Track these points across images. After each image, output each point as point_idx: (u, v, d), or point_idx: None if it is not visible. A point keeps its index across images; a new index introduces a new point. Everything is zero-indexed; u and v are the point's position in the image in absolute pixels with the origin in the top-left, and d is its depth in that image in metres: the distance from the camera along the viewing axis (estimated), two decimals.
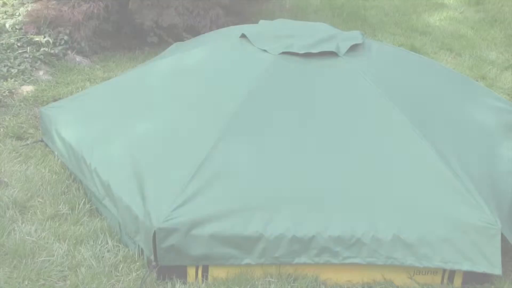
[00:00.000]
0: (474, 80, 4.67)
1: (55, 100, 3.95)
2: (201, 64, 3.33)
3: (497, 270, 2.49)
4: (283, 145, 2.76)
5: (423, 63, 3.76)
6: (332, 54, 3.18)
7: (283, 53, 3.16)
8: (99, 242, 2.76)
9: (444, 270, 2.60)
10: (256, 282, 2.54)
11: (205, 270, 2.56)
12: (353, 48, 3.27)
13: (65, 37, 4.81)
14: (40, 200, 3.03)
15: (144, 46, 5.36)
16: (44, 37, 4.68)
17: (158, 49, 5.23)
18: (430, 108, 3.13)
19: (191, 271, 2.55)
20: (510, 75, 5.20)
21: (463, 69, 5.25)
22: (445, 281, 2.62)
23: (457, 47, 5.82)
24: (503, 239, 2.51)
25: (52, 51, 4.70)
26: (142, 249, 2.62)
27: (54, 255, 2.66)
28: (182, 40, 4.63)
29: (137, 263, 2.64)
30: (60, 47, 4.77)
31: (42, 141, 3.49)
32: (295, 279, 2.57)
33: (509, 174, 2.97)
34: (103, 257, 2.69)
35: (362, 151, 2.76)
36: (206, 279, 2.57)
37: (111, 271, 2.60)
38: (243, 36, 3.35)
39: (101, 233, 2.81)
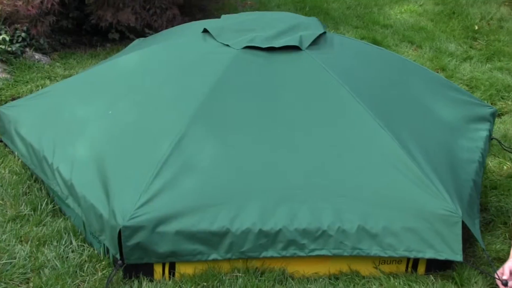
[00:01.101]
0: (434, 71, 4.75)
1: (14, 99, 3.89)
2: (163, 60, 3.32)
3: (459, 257, 2.54)
4: (248, 140, 2.77)
5: (384, 55, 3.80)
6: (295, 47, 3.20)
7: (246, 47, 3.17)
8: (63, 243, 2.73)
9: (408, 259, 2.65)
10: (224, 277, 2.55)
11: (172, 267, 2.55)
12: (316, 41, 3.29)
13: (23, 34, 4.72)
14: (0, 202, 2.98)
15: (106, 42, 5.31)
16: (0, 34, 4.59)
17: (120, 46, 5.20)
18: (392, 100, 3.17)
19: (158, 269, 2.55)
20: (469, 66, 5.31)
21: (424, 61, 5.34)
22: (409, 269, 2.67)
23: (417, 40, 5.91)
24: (463, 227, 2.57)
25: (10, 49, 4.61)
26: (107, 248, 2.60)
27: (16, 258, 2.62)
28: (144, 36, 4.59)
29: (103, 262, 2.63)
30: (17, 45, 4.67)
31: (1, 141, 3.44)
32: (262, 272, 2.59)
33: (469, 163, 3.05)
34: (67, 257, 2.66)
35: (326, 143, 2.78)
36: (173, 276, 2.56)
37: (76, 271, 2.58)
38: (205, 31, 3.35)
39: (65, 233, 2.78)
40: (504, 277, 2.49)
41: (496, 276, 2.51)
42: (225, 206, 2.54)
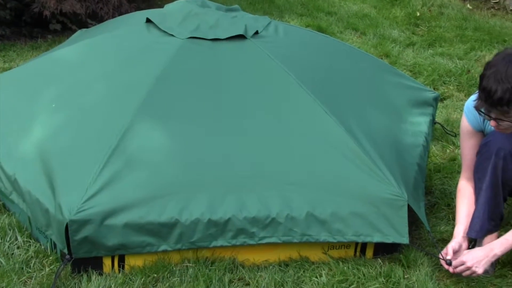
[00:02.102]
0: (378, 58, 4.83)
1: None
2: (107, 51, 3.27)
3: (405, 240, 2.61)
4: (195, 130, 2.76)
5: (329, 43, 3.84)
6: (240, 36, 3.20)
7: (191, 37, 3.15)
8: (8, 239, 2.68)
9: (357, 243, 2.70)
10: (174, 268, 2.55)
11: (122, 260, 2.53)
12: (261, 30, 3.30)
13: None
14: None
15: (47, 34, 5.19)
16: None
17: (62, 37, 5.10)
18: (337, 86, 3.21)
19: (107, 262, 2.52)
20: (412, 52, 5.41)
21: (368, 48, 5.42)
22: (357, 253, 2.72)
23: (361, 27, 5.99)
24: (409, 210, 2.63)
25: None
26: (54, 243, 2.56)
27: None
28: (87, 27, 4.52)
29: (50, 258, 2.58)
30: None
31: None
32: (212, 262, 2.59)
33: (413, 147, 3.11)
34: (12, 254, 2.61)
35: (273, 132, 2.80)
36: (123, 268, 2.54)
37: (22, 268, 2.53)
38: (149, 21, 3.31)
39: (10, 229, 2.73)
40: (448, 257, 2.57)
41: (441, 257, 2.59)
42: (174, 197, 2.53)
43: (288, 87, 2.98)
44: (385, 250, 2.73)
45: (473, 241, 2.75)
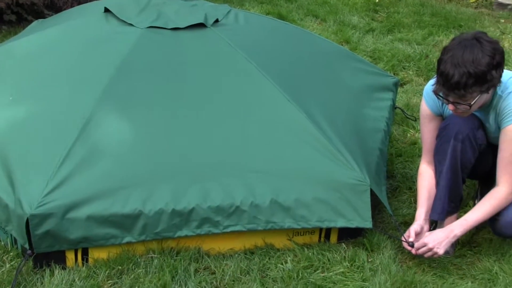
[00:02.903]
0: (339, 44, 4.84)
1: None
2: (65, 42, 3.20)
3: (368, 224, 2.63)
4: (157, 120, 2.73)
5: (290, 30, 3.84)
6: (201, 25, 3.17)
7: (151, 27, 3.11)
8: None
9: (321, 229, 2.72)
10: (139, 259, 2.53)
11: (85, 253, 2.50)
12: (221, 18, 3.28)
13: None
14: None
15: (1, 25, 5.07)
16: None
17: (17, 28, 4.98)
18: (298, 73, 3.21)
19: (70, 256, 2.49)
20: (371, 38, 5.45)
21: (329, 34, 5.43)
22: (322, 239, 2.74)
23: (321, 13, 6.00)
24: (372, 194, 2.66)
25: None
26: (15, 238, 2.51)
27: None
28: (44, 17, 4.43)
29: (11, 254, 2.54)
30: None
31: None
32: (178, 252, 2.58)
33: (375, 132, 3.14)
34: None
35: (235, 120, 2.79)
36: (87, 261, 2.51)
37: None
38: (107, 10, 3.26)
39: None
40: (410, 239, 2.60)
41: (403, 239, 2.62)
42: (137, 188, 2.50)
43: (249, 75, 2.97)
44: (349, 234, 2.75)
45: (434, 223, 2.79)
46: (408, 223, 2.87)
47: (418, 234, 2.64)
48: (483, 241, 2.83)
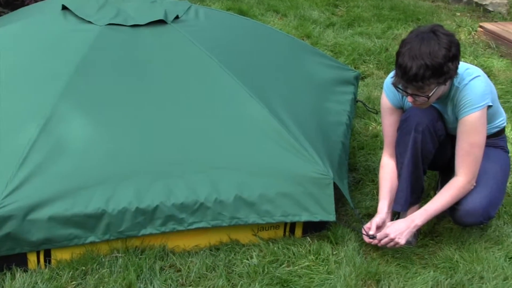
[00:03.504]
0: (300, 39, 4.86)
1: None
2: (23, 40, 3.14)
3: (332, 217, 2.65)
4: (119, 118, 2.70)
5: (251, 26, 3.83)
6: (161, 21, 3.14)
7: (110, 24, 3.07)
8: None
9: (286, 224, 2.72)
10: (103, 259, 2.50)
11: (48, 254, 2.46)
12: (181, 14, 3.26)
13: None
14: None
15: None
16: None
17: None
18: (260, 69, 3.21)
19: (32, 258, 2.44)
20: (332, 32, 5.47)
21: (290, 29, 5.44)
22: (287, 233, 2.74)
23: (282, 8, 6.00)
24: (335, 187, 2.68)
25: None
26: None
27: None
28: (0, 15, 4.33)
29: None
30: None
31: None
32: (142, 251, 2.55)
33: (337, 126, 3.16)
34: None
35: (197, 116, 2.77)
36: (49, 263, 2.47)
37: None
38: (65, 8, 3.20)
39: None
40: (371, 232, 2.63)
41: (363, 232, 2.65)
42: (100, 187, 2.47)
43: (211, 72, 2.95)
44: (313, 228, 2.76)
45: (397, 214, 2.82)
46: (371, 215, 2.90)
47: (379, 227, 2.66)
48: (444, 231, 2.87)
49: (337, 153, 2.93)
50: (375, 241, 2.62)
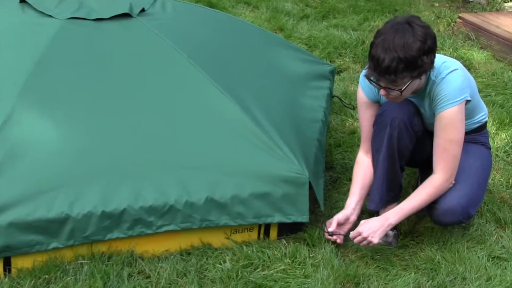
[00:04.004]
0: (272, 32, 4.88)
1: None
2: None
3: (305, 218, 2.68)
4: (83, 116, 2.69)
5: (220, 18, 3.84)
6: (126, 15, 3.13)
7: (71, 18, 3.05)
8: None
9: (260, 226, 2.73)
10: (67, 266, 2.48)
11: (7, 263, 2.43)
12: (147, 7, 3.25)
13: None
14: None
15: None
16: None
17: None
18: (231, 63, 3.22)
19: None
20: (306, 25, 5.50)
21: (262, 22, 5.45)
22: (261, 236, 2.75)
23: (254, 0, 6.01)
24: (311, 187, 2.70)
25: None
26: None
27: None
28: None
29: None
30: None
31: None
32: (109, 257, 2.54)
33: (313, 122, 3.18)
34: None
35: (166, 114, 2.77)
36: (9, 272, 2.44)
37: None
38: (23, 1, 3.17)
39: None
40: (330, 229, 2.68)
41: (326, 230, 2.69)
42: (63, 190, 2.45)
43: (179, 67, 2.95)
44: (289, 230, 2.78)
45: (376, 213, 2.85)
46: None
47: (341, 224, 2.70)
48: (425, 230, 2.91)
49: (313, 151, 2.95)
50: (333, 238, 2.67)
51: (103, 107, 2.74)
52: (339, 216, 2.72)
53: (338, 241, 2.71)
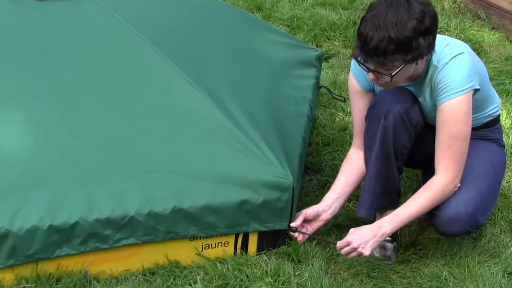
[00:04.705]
0: (249, 12, 4.89)
1: None
2: None
3: (284, 225, 2.71)
4: (24, 113, 2.69)
5: None
6: None
7: None
8: None
9: (236, 239, 2.75)
10: None
11: None
12: None
13: None
14: None
15: None
16: None
17: None
18: (201, 49, 3.23)
19: None
20: (288, 3, 5.50)
21: (236, 0, 5.45)
22: (238, 251, 2.77)
23: None
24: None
25: None
26: None
27: None
28: None
29: None
30: None
31: None
32: (58, 279, 2.53)
33: (297, 117, 3.20)
34: None
35: (125, 108, 2.79)
36: None
37: None
38: None
39: None
40: (293, 224, 2.72)
41: (291, 227, 2.73)
42: (2, 202, 2.45)
43: (140, 54, 2.96)
44: (270, 243, 2.80)
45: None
46: (340, 225, 2.95)
47: (309, 220, 2.75)
48: (430, 242, 2.93)
49: (297, 152, 2.97)
50: (295, 235, 2.72)
51: (49, 100, 2.74)
52: (307, 211, 2.74)
53: (299, 239, 2.73)
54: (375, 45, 2.39)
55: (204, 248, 2.73)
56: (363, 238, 2.57)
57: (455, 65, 2.57)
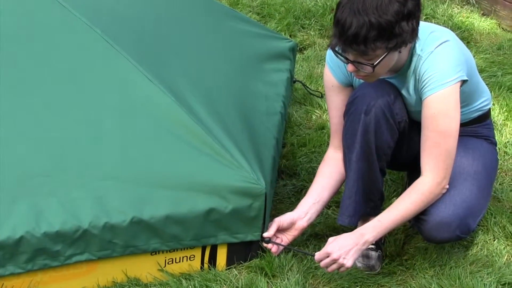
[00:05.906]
0: None
1: None
2: None
3: (257, 236, 2.72)
4: None
5: None
6: None
7: None
8: None
9: (203, 253, 2.75)
10: None
11: None
12: None
13: None
14: None
15: None
16: None
17: None
18: (162, 41, 3.23)
19: None
20: None
21: None
22: (205, 265, 2.76)
23: None
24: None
25: None
26: None
27: None
28: None
29: None
30: None
31: None
32: None
33: (269, 116, 3.21)
34: None
35: (74, 107, 2.78)
36: None
37: None
38: None
39: None
40: (265, 234, 2.72)
41: (264, 237, 2.74)
42: None
43: (92, 46, 2.95)
44: (241, 256, 2.80)
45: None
46: (318, 234, 2.96)
47: (285, 230, 2.76)
48: (417, 252, 2.95)
49: (270, 154, 2.97)
50: (269, 246, 2.72)
51: None
52: (281, 219, 2.75)
53: (273, 250, 2.74)
54: (354, 32, 2.40)
55: (168, 263, 2.72)
56: (344, 248, 2.57)
57: (440, 53, 2.58)
